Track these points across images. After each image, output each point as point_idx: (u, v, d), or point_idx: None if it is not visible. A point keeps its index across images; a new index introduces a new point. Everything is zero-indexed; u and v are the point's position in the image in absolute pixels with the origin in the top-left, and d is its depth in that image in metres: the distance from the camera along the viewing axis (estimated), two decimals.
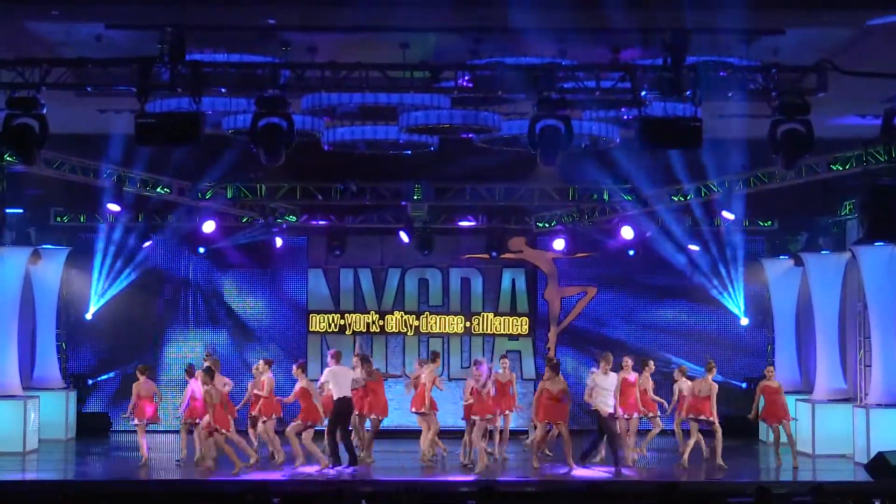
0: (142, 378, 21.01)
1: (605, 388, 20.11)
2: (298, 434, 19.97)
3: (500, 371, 21.50)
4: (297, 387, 20.09)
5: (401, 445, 22.31)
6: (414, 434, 21.91)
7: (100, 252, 25.65)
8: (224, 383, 20.59)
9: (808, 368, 25.11)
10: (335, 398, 20.15)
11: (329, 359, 20.55)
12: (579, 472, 19.96)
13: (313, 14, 13.78)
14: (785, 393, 22.91)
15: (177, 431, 22.26)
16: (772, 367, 22.08)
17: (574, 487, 18.22)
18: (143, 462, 20.70)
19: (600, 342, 26.05)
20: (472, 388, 20.22)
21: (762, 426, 23.73)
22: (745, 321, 26.37)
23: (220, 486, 18.82)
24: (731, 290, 26.10)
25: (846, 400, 22.97)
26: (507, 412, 21.57)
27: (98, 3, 13.45)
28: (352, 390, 20.41)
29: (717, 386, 21.00)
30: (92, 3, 13.45)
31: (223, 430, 19.78)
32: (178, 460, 21.22)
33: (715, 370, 21.35)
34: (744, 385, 24.35)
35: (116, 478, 20.18)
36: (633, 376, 21.13)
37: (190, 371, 21.42)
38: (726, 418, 22.61)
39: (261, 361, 21.13)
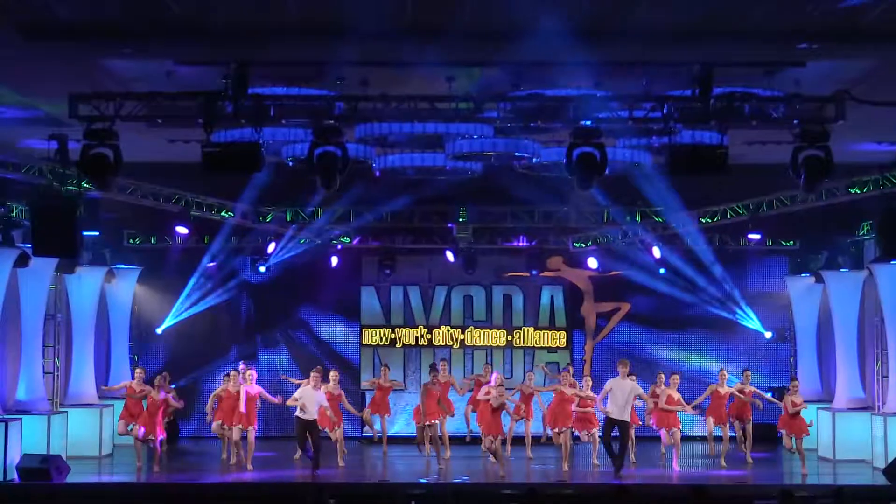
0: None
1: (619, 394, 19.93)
2: None
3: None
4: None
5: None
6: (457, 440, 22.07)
7: (172, 272, 25.87)
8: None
9: (828, 379, 24.95)
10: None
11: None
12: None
13: (366, 50, 13.81)
14: (807, 402, 22.80)
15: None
16: (724, 371, 22.02)
17: (608, 491, 18.14)
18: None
19: (633, 354, 26.03)
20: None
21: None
22: (768, 335, 26.29)
23: (279, 488, 18.87)
24: (745, 309, 26.08)
25: (865, 408, 22.81)
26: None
27: (167, 41, 13.54)
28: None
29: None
30: (162, 41, 13.53)
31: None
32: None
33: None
34: (769, 394, 24.15)
35: (183, 480, 20.25)
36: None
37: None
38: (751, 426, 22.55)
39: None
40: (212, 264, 25.53)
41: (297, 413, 19.96)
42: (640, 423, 21.67)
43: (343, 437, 21.77)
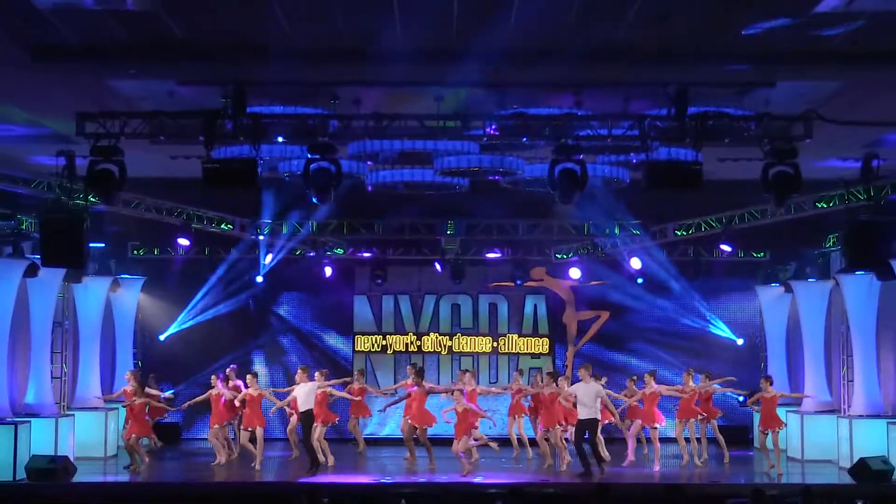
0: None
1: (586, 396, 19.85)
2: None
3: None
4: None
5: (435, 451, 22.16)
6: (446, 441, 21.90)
7: (174, 281, 25.89)
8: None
9: (797, 383, 24.96)
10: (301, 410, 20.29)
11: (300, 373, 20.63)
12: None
13: (359, 71, 13.81)
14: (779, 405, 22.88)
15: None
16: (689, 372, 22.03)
17: (588, 489, 18.09)
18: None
19: (612, 360, 26.09)
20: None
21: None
22: (740, 341, 26.36)
23: (275, 488, 18.82)
24: (715, 319, 26.20)
25: (831, 411, 22.83)
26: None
27: (170, 62, 13.52)
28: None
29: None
30: (164, 62, 13.52)
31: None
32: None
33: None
34: (741, 398, 24.16)
35: (185, 480, 20.21)
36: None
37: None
38: (725, 428, 22.55)
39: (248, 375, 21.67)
40: (211, 274, 25.60)
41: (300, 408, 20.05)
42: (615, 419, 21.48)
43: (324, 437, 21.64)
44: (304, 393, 20.01)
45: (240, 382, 22.28)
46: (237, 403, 21.41)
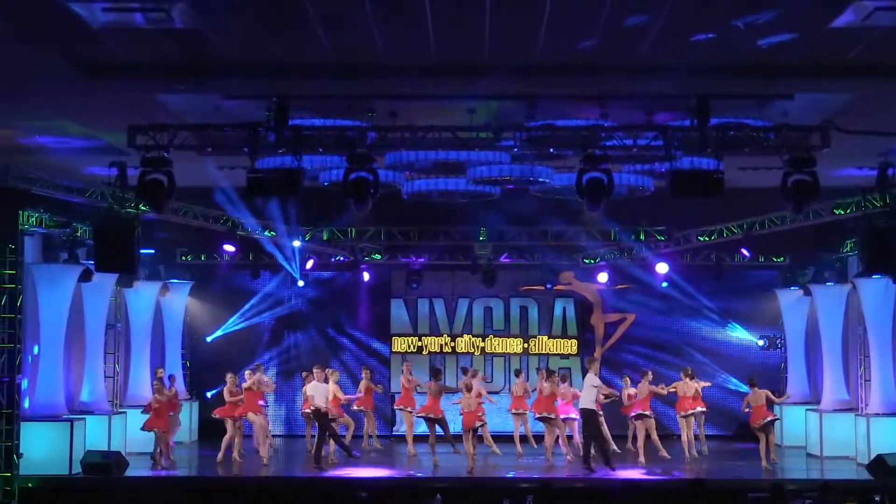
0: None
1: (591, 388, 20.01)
2: None
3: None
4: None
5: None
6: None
7: (220, 285, 26.07)
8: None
9: (816, 382, 24.84)
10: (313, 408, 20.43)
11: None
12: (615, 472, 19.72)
13: (395, 85, 13.84)
14: (795, 404, 22.87)
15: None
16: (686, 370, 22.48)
17: (614, 486, 18.12)
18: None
19: (637, 360, 25.99)
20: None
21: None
22: (760, 343, 26.27)
23: (313, 483, 18.89)
24: (735, 321, 26.15)
25: (849, 409, 22.71)
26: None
27: (215, 78, 13.58)
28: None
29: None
30: (210, 78, 13.58)
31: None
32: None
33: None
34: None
35: (230, 475, 20.29)
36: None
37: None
38: (744, 426, 22.44)
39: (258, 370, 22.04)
40: (256, 278, 25.76)
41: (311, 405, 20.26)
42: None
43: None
44: (317, 392, 20.22)
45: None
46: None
